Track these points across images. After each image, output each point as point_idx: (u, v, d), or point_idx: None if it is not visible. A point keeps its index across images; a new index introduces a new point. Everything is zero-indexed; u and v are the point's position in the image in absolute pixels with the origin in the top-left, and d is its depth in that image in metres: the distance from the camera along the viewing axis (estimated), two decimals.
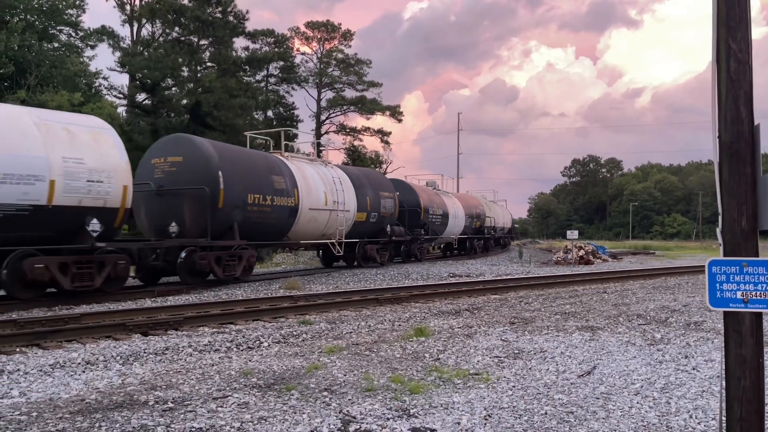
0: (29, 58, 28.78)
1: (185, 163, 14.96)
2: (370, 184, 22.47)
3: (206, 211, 14.66)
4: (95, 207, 12.08)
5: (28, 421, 4.55)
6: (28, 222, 11.09)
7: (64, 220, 11.62)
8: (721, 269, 3.12)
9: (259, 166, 16.77)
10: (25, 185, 10.98)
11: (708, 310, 10.43)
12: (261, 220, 16.41)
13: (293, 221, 17.62)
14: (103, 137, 12.63)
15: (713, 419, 4.61)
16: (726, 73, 3.10)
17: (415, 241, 25.90)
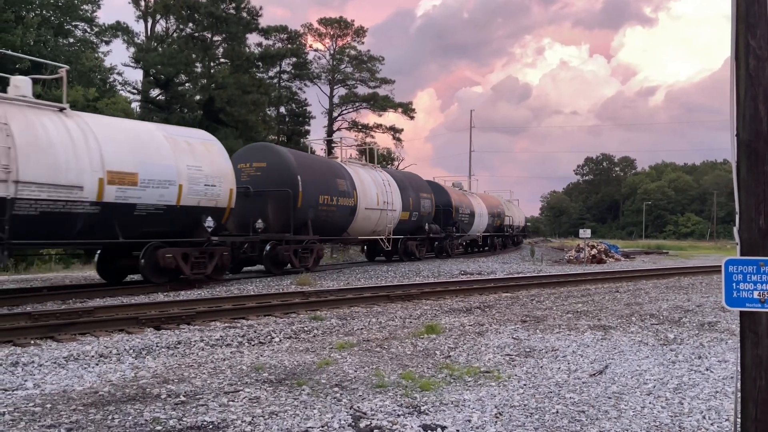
0: (45, 53, 29.01)
1: (269, 168, 17.41)
2: (411, 186, 24.75)
3: (288, 209, 17.12)
4: (209, 207, 14.30)
5: (42, 412, 4.60)
6: (161, 219, 13.28)
7: (187, 217, 13.84)
8: (737, 269, 3.09)
9: (326, 170, 19.29)
10: (162, 189, 13.11)
11: (722, 311, 10.33)
12: (328, 217, 18.83)
13: (352, 219, 20.08)
14: (213, 148, 14.94)
15: (727, 420, 4.57)
16: (745, 71, 3.06)
17: (448, 237, 27.97)
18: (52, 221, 11.31)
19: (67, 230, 11.74)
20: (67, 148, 11.53)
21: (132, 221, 12.69)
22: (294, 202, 17.15)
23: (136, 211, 12.69)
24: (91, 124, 12.46)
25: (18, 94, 11.93)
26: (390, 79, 55.12)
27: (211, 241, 14.23)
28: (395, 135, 55.52)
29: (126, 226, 12.59)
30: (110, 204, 12.15)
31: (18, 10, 29.59)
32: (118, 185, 12.26)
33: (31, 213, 10.89)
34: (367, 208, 20.73)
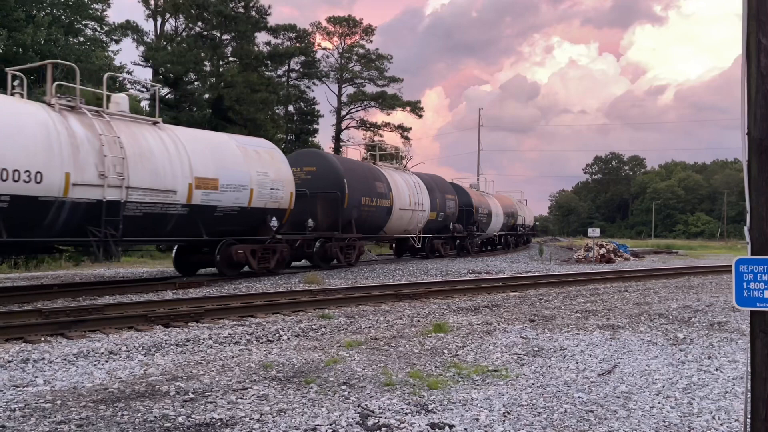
0: (55, 52, 29.17)
1: (318, 172, 19.20)
2: (437, 188, 26.60)
3: (336, 210, 18.88)
4: (274, 208, 16.02)
5: (53, 408, 4.63)
6: (235, 219, 14.99)
7: (255, 218, 15.55)
8: (748, 268, 3.07)
9: (367, 173, 21.08)
10: (237, 193, 14.83)
11: (732, 310, 10.27)
12: (369, 217, 20.64)
13: (388, 218, 21.94)
14: (276, 155, 16.76)
15: (736, 420, 4.54)
16: (756, 69, 3.04)
17: (469, 236, 29.80)
18: (152, 221, 13.05)
19: (161, 229, 13.44)
20: (163, 157, 13.26)
21: (212, 221, 14.47)
22: (341, 203, 18.93)
23: (216, 212, 14.46)
24: (180, 135, 14.25)
25: (119, 110, 13.49)
26: (398, 77, 55.07)
27: (275, 239, 16.02)
28: (403, 134, 55.48)
29: (207, 225, 14.34)
30: (196, 206, 13.90)
31: (29, 9, 29.77)
32: (203, 190, 14.02)
33: (136, 214, 12.61)
34: (401, 208, 22.54)
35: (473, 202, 30.59)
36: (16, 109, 11.21)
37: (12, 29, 27.19)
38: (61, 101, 12.25)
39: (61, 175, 11.24)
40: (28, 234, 11.26)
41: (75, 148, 11.61)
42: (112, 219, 12.00)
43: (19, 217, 10.74)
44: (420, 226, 24.39)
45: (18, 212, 10.65)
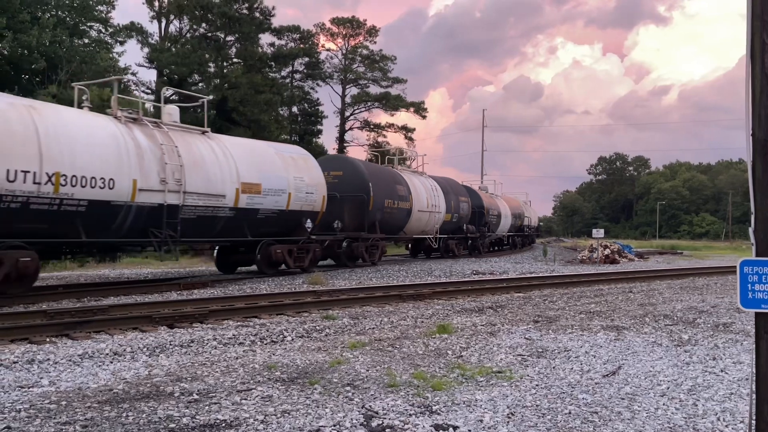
0: (60, 53, 29.28)
1: (345, 176, 20.31)
2: (452, 191, 27.82)
3: (362, 212, 20.15)
4: (308, 210, 17.32)
5: (58, 409, 4.65)
6: (274, 221, 16.25)
7: (292, 219, 16.86)
8: (753, 269, 3.06)
9: (389, 177, 22.38)
10: (277, 196, 16.07)
11: (737, 312, 10.23)
12: (391, 218, 21.83)
13: (407, 220, 23.10)
14: (310, 161, 18.08)
15: (741, 422, 4.52)
16: (760, 69, 3.03)
17: (481, 237, 31.22)
18: (203, 223, 14.25)
19: (212, 230, 14.66)
20: (214, 165, 14.48)
21: (255, 223, 15.74)
22: (366, 206, 20.23)
23: (258, 214, 15.71)
24: (226, 144, 15.54)
25: (171, 121, 14.49)
26: (402, 78, 55.02)
27: (309, 239, 17.36)
28: (407, 134, 55.45)
29: (251, 226, 15.61)
30: (242, 209, 15.07)
31: (34, 11, 29.89)
32: (248, 194, 15.22)
33: (191, 216, 13.79)
34: (419, 210, 23.82)
35: (484, 204, 31.82)
36: (91, 123, 12.43)
37: (17, 31, 27.29)
38: (125, 114, 13.49)
39: (130, 182, 12.50)
40: (101, 235, 12.42)
41: (140, 156, 12.80)
42: (171, 221, 13.21)
43: (95, 219, 12.00)
44: (436, 227, 25.72)
45: (94, 215, 11.92)
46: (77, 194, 11.54)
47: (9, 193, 10.56)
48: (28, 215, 10.97)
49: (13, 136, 10.72)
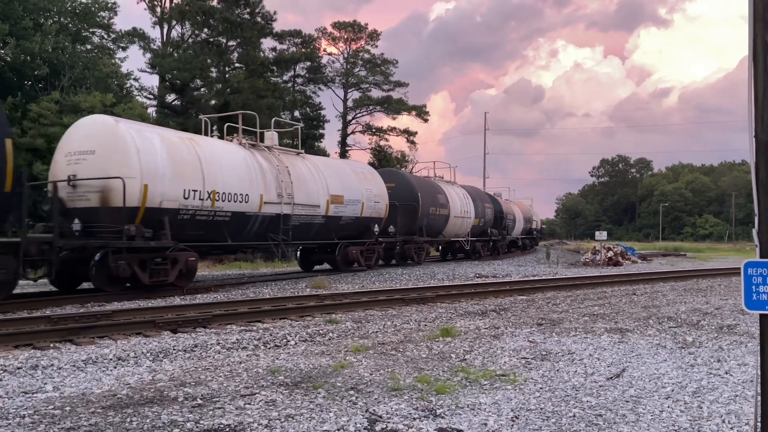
0: (63, 59, 29.38)
1: (397, 187, 23.04)
2: (478, 198, 31.29)
3: (413, 218, 23.28)
4: (375, 217, 20.62)
5: (62, 415, 4.65)
6: (351, 226, 19.51)
7: (364, 225, 20.10)
8: (757, 271, 3.06)
9: (432, 188, 25.75)
10: (354, 206, 19.27)
11: (742, 313, 10.20)
12: (434, 223, 25.13)
13: (446, 225, 26.40)
14: (375, 175, 21.70)
15: (747, 424, 4.51)
16: (763, 71, 3.03)
17: (501, 239, 34.62)
18: (304, 228, 17.40)
19: (308, 234, 17.81)
20: (311, 180, 17.65)
21: (338, 228, 18.93)
22: (417, 213, 23.34)
23: (341, 221, 18.89)
24: (316, 162, 18.99)
25: (273, 144, 17.45)
26: (404, 82, 55.06)
27: (377, 241, 20.64)
28: (409, 138, 55.48)
29: (335, 231, 18.83)
30: (331, 216, 18.29)
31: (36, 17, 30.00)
32: (335, 204, 18.41)
33: (296, 223, 16.85)
34: (455, 216, 27.03)
35: (503, 209, 35.34)
36: (229, 149, 15.51)
37: (20, 37, 27.39)
38: (247, 141, 16.67)
39: (258, 196, 15.48)
40: (237, 239, 15.39)
41: (263, 176, 15.85)
42: (285, 227, 16.32)
43: (234, 226, 14.98)
44: (468, 230, 29.16)
45: (234, 223, 14.91)
46: (225, 207, 14.51)
47: (183, 208, 13.49)
48: (194, 224, 13.87)
49: (186, 164, 13.62)
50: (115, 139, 12.73)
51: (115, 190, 12.32)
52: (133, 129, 13.26)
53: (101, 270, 12.24)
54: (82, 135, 13.02)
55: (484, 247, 31.76)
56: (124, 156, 12.54)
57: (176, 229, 13.28)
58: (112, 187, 12.37)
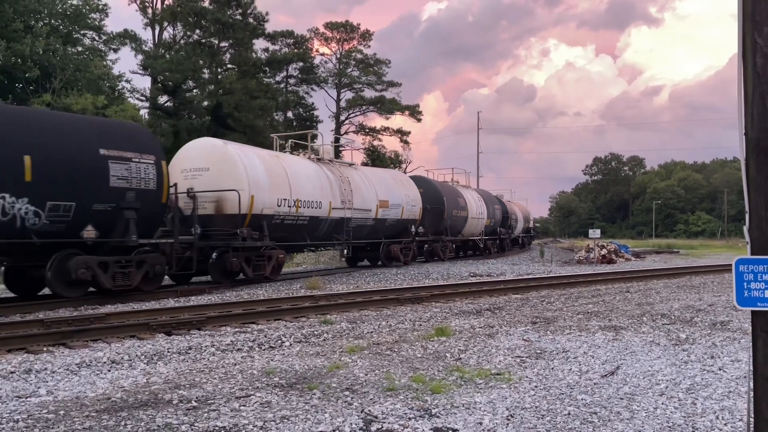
0: (54, 62, 29.24)
1: (425, 192, 25.04)
2: (489, 200, 34.07)
3: (439, 220, 25.85)
4: (412, 219, 23.31)
5: (56, 419, 4.63)
6: (393, 227, 22.31)
7: (403, 226, 22.87)
8: (748, 268, 3.07)
9: (454, 192, 28.56)
10: (396, 209, 22.06)
11: (734, 310, 10.26)
12: (455, 224, 28.02)
13: (464, 225, 29.18)
14: (411, 182, 24.62)
15: (740, 420, 4.53)
16: (752, 69, 3.04)
17: (507, 238, 37.75)
18: (358, 229, 19.99)
19: (361, 234, 20.44)
20: (364, 188, 20.36)
21: (384, 229, 21.75)
22: (443, 215, 25.87)
23: (386, 223, 21.67)
24: (365, 172, 21.97)
25: (328, 158, 20.16)
26: (396, 82, 55.15)
27: (414, 240, 23.36)
28: (402, 138, 55.52)
29: (382, 231, 21.67)
30: (379, 219, 21.08)
31: (27, 19, 29.84)
32: (382, 208, 21.23)
33: (353, 226, 19.49)
34: (472, 217, 29.83)
35: (508, 210, 38.37)
36: (303, 163, 18.47)
37: (11, 40, 27.26)
38: (314, 155, 19.82)
39: (327, 203, 18.24)
40: (312, 239, 18.30)
41: (330, 185, 18.60)
42: (346, 229, 19.07)
43: (310, 229, 17.80)
44: (482, 230, 31.94)
45: (310, 226, 17.73)
46: (305, 213, 17.27)
47: (276, 213, 16.19)
48: (282, 228, 16.57)
49: (278, 177, 16.38)
50: (226, 158, 15.35)
51: (229, 200, 14.95)
52: (239, 149, 16.21)
53: (217, 266, 15.09)
54: (195, 155, 15.65)
55: (494, 245, 34.67)
56: (235, 172, 15.13)
57: (271, 232, 15.97)
58: (226, 197, 14.98)
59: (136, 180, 12.35)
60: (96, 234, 11.80)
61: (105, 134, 12.39)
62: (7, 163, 10.54)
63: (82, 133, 11.98)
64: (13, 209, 10.60)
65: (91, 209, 11.67)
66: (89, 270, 11.62)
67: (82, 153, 11.65)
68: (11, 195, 10.57)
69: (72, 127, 12.06)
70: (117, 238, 12.13)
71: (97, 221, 11.79)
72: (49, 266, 11.39)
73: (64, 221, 11.33)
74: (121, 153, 12.20)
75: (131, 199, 12.21)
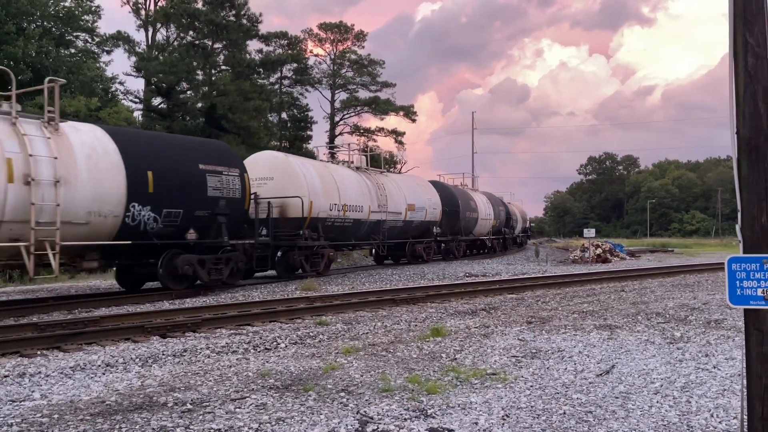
0: (47, 64, 29.11)
1: (442, 196, 27.15)
2: (494, 202, 36.39)
3: (455, 221, 28.11)
4: (433, 221, 25.97)
5: (50, 423, 4.61)
6: (417, 228, 24.86)
7: (426, 227, 25.57)
8: (741, 266, 3.08)
9: (466, 196, 30.98)
10: (420, 212, 24.62)
11: (728, 308, 10.30)
12: (468, 225, 30.35)
13: (475, 225, 31.59)
14: (430, 187, 26.94)
15: (735, 418, 4.55)
16: (743, 68, 3.06)
17: (510, 237, 40.51)
18: (391, 230, 22.39)
19: (392, 235, 22.74)
20: (395, 193, 22.89)
21: (411, 230, 24.34)
22: (458, 216, 28.28)
23: (413, 224, 24.23)
24: (395, 178, 24.72)
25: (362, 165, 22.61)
26: (391, 82, 55.10)
27: (436, 239, 26.10)
28: (397, 138, 55.51)
29: (409, 232, 24.24)
30: (407, 221, 23.58)
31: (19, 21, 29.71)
32: (410, 211, 23.65)
33: (387, 227, 21.96)
34: (482, 218, 32.34)
35: (510, 211, 40.80)
36: (347, 172, 20.88)
37: (3, 42, 27.13)
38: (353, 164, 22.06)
39: (367, 207, 20.70)
40: (355, 239, 20.81)
41: (369, 191, 21.12)
42: (382, 230, 21.64)
43: (353, 230, 20.26)
44: (489, 230, 34.37)
45: (353, 228, 20.20)
46: (350, 216, 19.68)
47: (328, 217, 18.57)
48: (332, 229, 18.94)
49: (329, 184, 18.85)
50: (289, 169, 17.87)
51: (292, 205, 17.45)
52: (298, 160, 19.16)
53: (282, 262, 17.64)
54: (261, 165, 17.84)
55: (498, 244, 37.20)
56: (296, 181, 17.63)
57: (324, 233, 18.34)
58: (289, 203, 17.45)
59: (226, 190, 14.56)
60: (196, 236, 13.90)
61: (202, 151, 14.65)
62: (137, 178, 12.56)
63: (186, 151, 14.26)
64: (139, 216, 12.66)
65: (194, 215, 13.78)
66: (191, 266, 13.68)
67: (187, 168, 13.81)
68: (139, 204, 12.62)
69: (179, 146, 14.45)
70: (211, 240, 14.31)
71: (197, 225, 13.93)
72: (160, 264, 13.33)
73: (174, 225, 13.43)
74: (215, 167, 14.40)
75: (223, 206, 14.38)
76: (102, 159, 12.09)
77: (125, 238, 12.52)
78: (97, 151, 12.09)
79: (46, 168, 11.00)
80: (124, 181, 12.32)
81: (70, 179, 11.38)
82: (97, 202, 11.90)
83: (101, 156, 12.10)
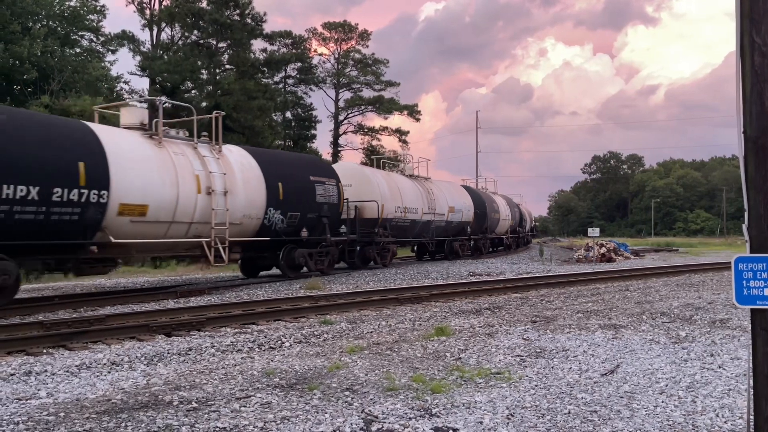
0: (52, 63, 29.22)
1: (473, 199, 29.98)
2: (510, 203, 40.07)
3: (482, 221, 31.29)
4: (467, 221, 29.01)
5: (56, 421, 4.63)
6: (455, 228, 27.99)
7: (461, 227, 28.67)
8: (747, 266, 3.08)
9: (489, 198, 34.24)
10: (458, 214, 27.85)
11: (734, 307, 10.26)
12: (491, 225, 33.53)
13: (497, 225, 35.08)
14: (464, 191, 30.29)
15: (740, 418, 4.54)
16: (750, 67, 3.05)
17: (522, 235, 43.73)
18: (436, 230, 25.79)
19: (437, 233, 26.17)
20: (439, 196, 26.09)
21: (450, 229, 27.61)
22: (485, 217, 31.72)
23: (452, 224, 27.49)
24: (437, 183, 27.47)
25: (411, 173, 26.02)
26: (395, 81, 55.05)
27: (470, 238, 29.47)
28: (401, 137, 55.48)
29: (449, 230, 27.54)
30: (448, 221, 26.91)
31: (25, 21, 29.81)
32: (451, 212, 26.94)
33: (434, 227, 25.35)
34: (502, 219, 35.95)
35: (521, 211, 44.19)
36: (403, 179, 24.48)
37: (9, 42, 27.23)
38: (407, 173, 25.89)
39: (421, 209, 24.07)
40: (410, 236, 24.25)
41: (422, 196, 24.51)
42: (432, 229, 25.12)
43: (410, 229, 23.62)
44: (507, 229, 37.92)
45: (410, 227, 23.58)
46: (409, 217, 23.07)
47: (393, 218, 21.91)
48: (396, 228, 22.30)
49: (393, 190, 22.27)
50: (365, 177, 21.47)
51: (368, 207, 20.81)
52: (370, 170, 23.03)
53: (360, 256, 20.80)
54: (341, 174, 19.62)
55: (514, 241, 40.75)
56: (372, 187, 21.10)
57: (390, 231, 21.65)
58: (365, 206, 20.75)
59: (328, 196, 17.88)
60: (307, 234, 17.08)
61: (311, 166, 18.37)
62: (272, 188, 15.90)
63: (301, 166, 17.82)
64: (273, 218, 15.98)
65: (306, 216, 17.11)
66: (304, 258, 17.06)
67: (302, 179, 17.19)
68: (273, 208, 15.91)
69: (296, 161, 18.50)
70: (317, 236, 17.60)
71: (308, 225, 17.20)
72: (281, 256, 16.63)
73: (293, 225, 16.73)
74: (320, 178, 17.83)
75: (326, 210, 17.72)
76: (250, 174, 15.43)
77: (262, 236, 15.86)
78: (246, 168, 15.45)
79: (219, 181, 14.31)
80: (264, 190, 15.67)
81: (233, 190, 14.65)
82: (248, 207, 15.21)
83: (249, 171, 15.46)
